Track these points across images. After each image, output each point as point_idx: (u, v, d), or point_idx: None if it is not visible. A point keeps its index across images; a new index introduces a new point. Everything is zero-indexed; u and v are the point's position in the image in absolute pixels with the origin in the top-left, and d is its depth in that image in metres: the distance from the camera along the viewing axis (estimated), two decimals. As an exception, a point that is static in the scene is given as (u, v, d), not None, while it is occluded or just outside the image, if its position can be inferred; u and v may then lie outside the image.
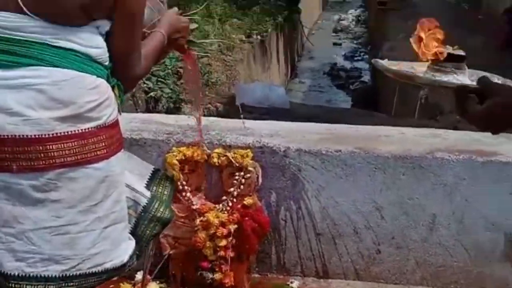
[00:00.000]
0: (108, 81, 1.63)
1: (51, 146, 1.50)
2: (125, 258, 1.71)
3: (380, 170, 2.45)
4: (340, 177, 2.47)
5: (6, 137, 1.48)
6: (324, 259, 2.54)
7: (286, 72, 11.78)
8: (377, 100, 9.45)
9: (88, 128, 1.54)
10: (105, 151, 1.58)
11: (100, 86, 1.58)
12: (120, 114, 1.70)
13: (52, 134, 1.50)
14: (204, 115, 2.77)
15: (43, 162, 1.50)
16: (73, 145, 1.52)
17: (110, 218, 1.64)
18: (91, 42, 1.58)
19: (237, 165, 2.37)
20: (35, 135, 1.48)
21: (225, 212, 2.37)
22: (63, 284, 1.58)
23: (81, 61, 1.55)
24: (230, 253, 2.37)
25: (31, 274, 1.55)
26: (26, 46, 1.50)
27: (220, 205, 2.39)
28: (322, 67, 13.03)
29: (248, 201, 2.38)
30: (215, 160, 2.39)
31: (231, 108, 5.30)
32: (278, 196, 2.50)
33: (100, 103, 1.57)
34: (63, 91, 1.51)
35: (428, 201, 2.47)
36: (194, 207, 2.38)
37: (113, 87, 1.65)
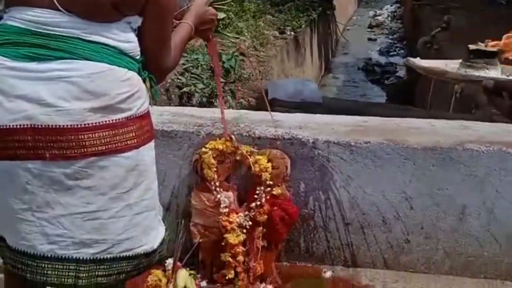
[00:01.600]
0: (139, 74, 1.68)
1: (83, 136, 1.55)
2: (155, 244, 1.76)
3: (410, 161, 2.46)
4: (369, 168, 2.48)
5: (39, 126, 1.53)
6: (352, 249, 2.56)
7: (319, 67, 11.75)
8: (412, 95, 9.35)
9: (119, 119, 1.59)
10: (135, 141, 1.63)
11: (131, 79, 1.63)
12: (152, 106, 1.75)
13: (84, 124, 1.55)
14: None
15: (75, 151, 1.55)
16: (104, 134, 1.57)
17: (140, 206, 1.68)
18: (123, 37, 1.63)
19: (256, 173, 2.40)
20: (67, 125, 1.54)
21: (248, 221, 2.40)
22: (94, 267, 1.64)
23: (112, 55, 1.60)
24: (261, 242, 2.41)
25: (63, 256, 1.61)
26: (59, 40, 1.55)
27: (243, 215, 2.40)
28: (356, 62, 12.94)
29: (277, 191, 2.40)
30: (239, 158, 2.44)
31: (263, 103, 5.32)
32: (306, 187, 2.52)
33: (131, 94, 1.61)
34: (95, 83, 1.56)
35: (458, 192, 2.46)
36: (221, 207, 2.40)
37: (144, 80, 1.70)
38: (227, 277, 2.40)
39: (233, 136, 2.45)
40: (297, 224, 2.52)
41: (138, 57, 1.68)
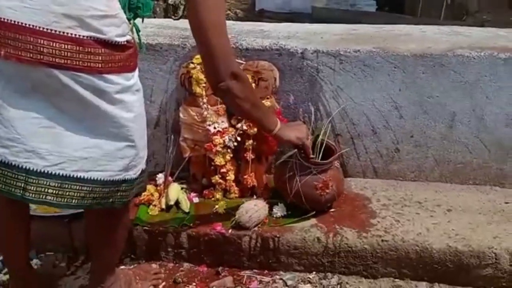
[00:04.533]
0: (124, 10, 1.57)
1: (42, 41, 1.45)
2: (117, 176, 1.65)
3: (400, 69, 2.42)
4: (358, 77, 2.45)
5: (2, 20, 1.44)
6: (342, 159, 2.57)
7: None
8: (402, 3, 9.19)
9: (87, 37, 1.48)
10: (99, 65, 1.51)
11: (110, 2, 1.52)
12: (140, 49, 1.67)
13: (47, 29, 1.45)
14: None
15: (31, 55, 1.45)
16: (65, 47, 1.46)
17: (102, 130, 1.59)
18: None
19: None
20: (29, 25, 1.44)
21: (234, 141, 2.39)
22: (44, 182, 1.56)
23: None
24: (251, 155, 2.41)
25: (13, 163, 1.54)
26: None
27: (230, 136, 2.38)
28: (346, -29, 12.58)
29: (266, 103, 2.38)
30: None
31: (251, 14, 5.21)
32: (296, 98, 2.50)
33: (105, 15, 1.50)
34: None
35: (448, 99, 2.45)
36: (210, 129, 2.37)
37: (128, 19, 1.59)
38: (215, 197, 2.41)
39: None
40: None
41: None
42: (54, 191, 1.57)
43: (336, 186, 2.26)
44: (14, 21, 1.44)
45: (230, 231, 2.22)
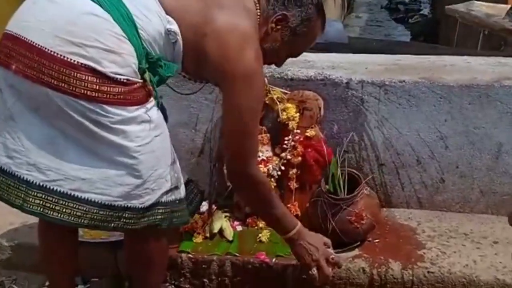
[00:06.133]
0: (139, 61, 1.61)
1: (43, 61, 1.51)
2: (118, 202, 1.64)
3: (445, 100, 2.42)
4: (403, 107, 2.45)
5: (20, 37, 1.54)
6: (386, 189, 2.56)
7: (342, 6, 11.51)
8: (437, 33, 9.17)
9: (85, 64, 1.51)
10: (95, 94, 1.53)
11: (124, 43, 1.57)
12: (156, 101, 1.70)
13: (50, 51, 1.51)
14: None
15: (33, 73, 1.52)
16: (63, 71, 1.50)
17: (101, 156, 1.60)
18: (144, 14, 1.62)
19: (283, 121, 2.41)
20: (38, 45, 1.52)
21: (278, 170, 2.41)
22: (42, 196, 1.59)
23: (122, 15, 1.57)
24: (295, 184, 2.41)
25: (16, 174, 1.60)
26: None
27: (273, 165, 2.41)
28: (379, 1, 12.66)
29: (310, 132, 2.39)
30: (269, 102, 2.43)
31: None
32: (340, 128, 2.50)
33: (109, 50, 1.54)
34: (82, 20, 1.54)
35: (495, 129, 2.43)
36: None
37: (143, 70, 1.63)
38: (259, 226, 2.41)
39: (265, 79, 2.42)
40: (330, 166, 2.51)
41: (151, 51, 1.64)
42: (51, 206, 1.60)
43: (371, 214, 2.24)
44: (30, 40, 1.53)
45: (274, 260, 2.22)
